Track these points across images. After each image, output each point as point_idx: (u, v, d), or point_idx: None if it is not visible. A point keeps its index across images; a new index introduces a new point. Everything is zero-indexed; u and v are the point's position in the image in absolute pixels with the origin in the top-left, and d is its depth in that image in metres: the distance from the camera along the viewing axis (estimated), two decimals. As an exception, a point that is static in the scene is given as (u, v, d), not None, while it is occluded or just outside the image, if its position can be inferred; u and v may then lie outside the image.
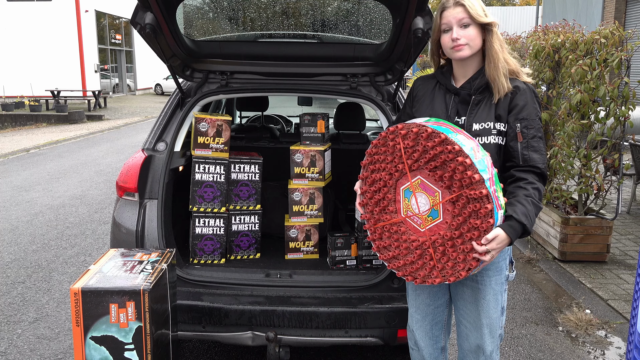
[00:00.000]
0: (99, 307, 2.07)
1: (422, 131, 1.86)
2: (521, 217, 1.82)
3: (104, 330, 2.08)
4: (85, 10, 23.14)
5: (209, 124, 3.09)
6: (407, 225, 1.96)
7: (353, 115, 3.89)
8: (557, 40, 5.04)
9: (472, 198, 1.78)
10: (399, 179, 1.95)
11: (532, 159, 1.96)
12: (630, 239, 5.44)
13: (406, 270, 1.98)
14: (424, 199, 1.90)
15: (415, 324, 2.29)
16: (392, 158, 1.95)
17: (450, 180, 1.82)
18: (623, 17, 14.27)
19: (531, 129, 1.98)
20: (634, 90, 4.54)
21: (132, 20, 2.56)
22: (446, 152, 1.80)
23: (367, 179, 2.05)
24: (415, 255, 1.94)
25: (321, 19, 3.12)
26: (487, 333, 2.13)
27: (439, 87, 2.15)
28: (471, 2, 1.98)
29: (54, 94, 18.67)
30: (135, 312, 2.08)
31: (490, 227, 1.77)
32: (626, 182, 6.58)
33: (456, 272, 1.86)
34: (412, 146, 1.89)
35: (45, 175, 8.86)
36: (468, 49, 2.00)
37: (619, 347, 3.49)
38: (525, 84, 2.04)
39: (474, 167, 1.76)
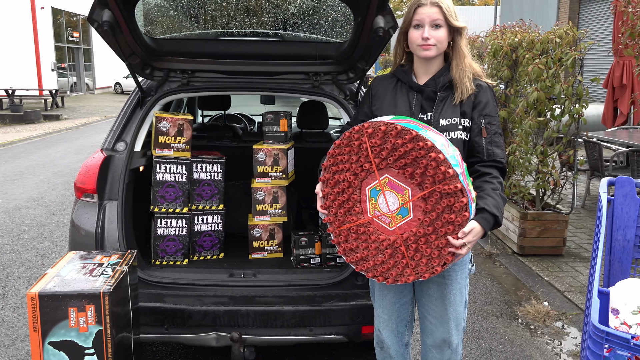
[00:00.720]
0: (57, 312, 2.01)
1: (390, 129, 1.85)
2: (493, 209, 1.89)
3: (63, 335, 2.03)
4: (40, 7, 22.49)
5: (170, 123, 3.05)
6: (375, 225, 1.93)
7: (316, 113, 3.90)
8: (514, 40, 5.16)
9: (446, 193, 1.78)
10: (365, 179, 1.93)
11: (495, 154, 2.03)
12: (585, 232, 5.62)
13: (376, 271, 1.95)
14: (393, 198, 1.88)
15: (382, 324, 2.29)
16: (357, 157, 1.92)
17: (421, 177, 1.81)
18: (577, 18, 14.72)
19: (493, 125, 2.06)
20: (587, 89, 4.69)
21: (89, 18, 2.50)
22: (417, 149, 1.80)
23: (329, 181, 2.00)
24: (385, 255, 1.91)
25: (283, 17, 3.12)
26: (454, 327, 2.17)
27: (400, 85, 2.17)
28: (447, 4, 2.02)
29: (9, 93, 18.06)
30: (96, 316, 2.04)
31: (466, 220, 1.79)
32: (580, 178, 6.79)
33: (431, 267, 1.85)
34: (379, 144, 1.87)
35: (0, 177, 8.58)
36: (435, 50, 2.04)
37: (575, 337, 3.61)
38: (487, 84, 2.11)
39: (447, 162, 1.77)
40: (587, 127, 5.75)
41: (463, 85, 2.04)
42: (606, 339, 1.61)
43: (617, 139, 6.51)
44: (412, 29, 2.05)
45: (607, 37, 8.63)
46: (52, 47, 23.86)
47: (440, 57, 2.10)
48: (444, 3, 2.01)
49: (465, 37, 2.09)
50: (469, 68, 2.07)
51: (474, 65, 2.10)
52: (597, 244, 2.01)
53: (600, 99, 10.25)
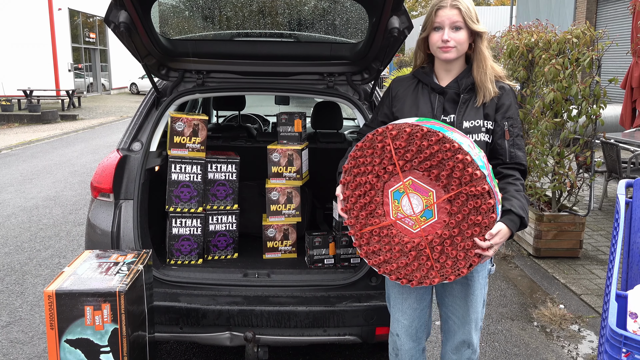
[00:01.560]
0: (73, 310, 2.04)
1: (416, 131, 1.83)
2: (519, 210, 1.89)
3: (79, 333, 2.05)
4: (58, 9, 22.75)
5: (185, 123, 3.07)
6: (398, 227, 1.91)
7: (330, 114, 3.90)
8: (530, 40, 5.12)
9: (473, 195, 1.77)
10: (387, 181, 1.91)
11: (517, 157, 2.04)
12: (602, 235, 5.56)
13: (400, 274, 1.93)
14: (417, 200, 1.87)
15: (401, 329, 2.24)
16: (380, 160, 1.90)
17: (447, 179, 1.80)
18: (594, 18, 14.55)
19: (515, 127, 2.06)
20: (604, 89, 4.64)
21: (106, 19, 2.53)
22: (444, 151, 1.78)
23: (350, 183, 1.99)
24: (410, 257, 1.89)
25: (298, 18, 3.12)
26: (474, 327, 2.17)
27: (421, 86, 2.16)
28: (467, 6, 2.01)
29: (27, 94, 18.31)
30: (111, 314, 2.06)
31: (493, 222, 1.79)
32: (598, 179, 6.72)
33: (457, 269, 1.84)
34: (404, 146, 1.85)
35: (18, 176, 8.69)
36: (455, 52, 2.03)
37: (591, 341, 3.56)
38: (509, 86, 2.11)
39: (474, 163, 1.75)
40: (604, 128, 5.68)
41: (485, 88, 2.04)
42: (624, 343, 1.59)
43: (635, 140, 6.42)
44: (432, 31, 2.05)
45: (625, 37, 8.52)
46: (69, 48, 24.13)
47: (462, 58, 2.10)
48: (464, 5, 2.00)
49: (487, 39, 2.08)
50: (491, 70, 2.06)
51: (496, 67, 2.10)
52: (614, 246, 1.99)
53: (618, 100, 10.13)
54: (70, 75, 23.89)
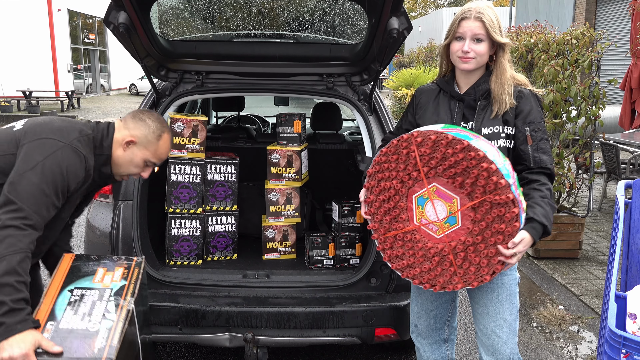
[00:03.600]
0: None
1: (441, 138, 1.84)
2: (542, 218, 1.88)
3: None
4: (57, 9, 22.74)
5: (185, 124, 3.07)
6: (422, 233, 1.93)
7: (329, 115, 3.90)
8: (529, 41, 5.12)
9: (497, 203, 1.77)
10: (412, 187, 1.92)
11: (542, 161, 2.02)
12: (601, 236, 5.56)
13: (423, 278, 1.95)
14: (441, 206, 1.88)
15: (418, 318, 2.32)
16: (404, 166, 1.92)
17: (472, 187, 1.81)
18: (593, 19, 14.57)
19: (539, 131, 2.04)
20: (604, 90, 4.64)
21: (105, 20, 2.53)
22: (468, 159, 1.79)
23: (374, 188, 2.00)
24: (433, 263, 1.91)
25: (297, 19, 3.13)
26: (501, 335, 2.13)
27: (442, 94, 2.17)
28: (491, 19, 2.01)
29: (26, 95, 18.30)
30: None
31: (516, 230, 1.79)
32: (597, 180, 6.72)
33: (480, 276, 1.85)
34: (428, 153, 1.86)
35: (17, 177, 8.67)
36: (474, 63, 2.04)
37: (590, 342, 3.56)
38: (529, 90, 2.09)
39: (499, 172, 1.76)
40: (603, 129, 5.68)
41: (501, 100, 2.04)
42: (623, 343, 1.59)
43: (634, 141, 6.42)
44: (454, 40, 2.06)
45: (624, 38, 8.52)
46: (69, 48, 24.11)
47: (482, 69, 2.10)
48: (488, 18, 2.00)
49: (508, 52, 2.07)
50: (509, 82, 2.05)
51: (518, 76, 2.10)
52: (614, 247, 1.99)
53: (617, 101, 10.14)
54: (69, 76, 23.88)
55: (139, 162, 2.08)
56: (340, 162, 3.84)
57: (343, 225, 3.17)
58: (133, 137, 2.05)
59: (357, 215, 3.19)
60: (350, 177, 3.78)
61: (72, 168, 1.86)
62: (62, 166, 1.83)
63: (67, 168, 1.85)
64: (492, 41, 2.03)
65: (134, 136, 2.05)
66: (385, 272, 2.78)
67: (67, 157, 1.86)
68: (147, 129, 2.07)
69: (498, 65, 2.06)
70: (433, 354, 2.35)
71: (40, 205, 1.79)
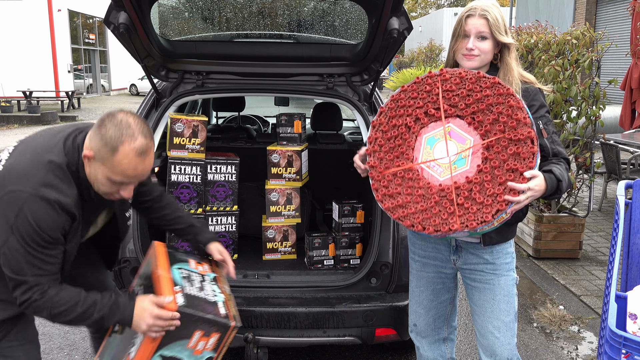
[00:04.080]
0: (183, 331, 1.90)
1: (471, 75, 1.83)
2: (557, 174, 1.88)
3: (176, 352, 1.94)
4: (57, 10, 22.75)
5: (185, 124, 3.07)
6: (425, 173, 1.87)
7: (330, 115, 3.90)
8: (530, 41, 5.12)
9: (517, 139, 1.74)
10: (424, 126, 1.89)
11: (560, 152, 2.04)
12: (602, 236, 5.56)
13: (415, 219, 1.84)
14: (453, 146, 1.84)
15: (417, 318, 2.32)
16: (423, 103, 1.88)
17: (491, 126, 1.78)
18: (593, 19, 14.57)
19: (550, 125, 2.06)
20: (604, 90, 4.64)
21: (105, 20, 2.53)
22: (496, 95, 1.77)
23: (382, 125, 1.95)
24: (431, 202, 1.82)
25: (297, 19, 3.13)
26: (497, 336, 2.14)
27: None
28: (496, 17, 2.01)
29: (26, 95, 18.31)
30: (215, 344, 1.98)
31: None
32: (597, 180, 6.72)
33: (480, 216, 1.76)
34: (453, 90, 1.85)
35: (17, 177, 8.67)
36: (478, 61, 2.04)
37: (591, 342, 3.56)
38: (536, 87, 2.09)
39: (524, 110, 1.75)
40: (604, 129, 5.69)
41: None
42: (624, 344, 1.59)
43: (634, 142, 6.42)
44: (459, 37, 2.06)
45: (624, 38, 8.52)
46: (69, 49, 24.12)
47: (486, 67, 2.10)
48: (492, 16, 2.00)
49: (514, 51, 2.07)
50: (517, 81, 2.05)
51: (526, 75, 2.10)
52: (614, 247, 1.99)
53: (617, 101, 10.14)
54: (69, 76, 23.88)
55: (103, 181, 1.76)
56: (340, 162, 3.83)
57: (343, 226, 3.17)
58: (90, 151, 1.75)
59: (358, 215, 3.19)
60: (350, 177, 3.78)
61: (43, 221, 1.69)
62: (32, 223, 1.68)
63: (38, 223, 1.68)
64: (496, 40, 2.03)
65: (91, 149, 1.74)
66: (386, 272, 2.78)
67: (33, 210, 1.68)
68: (100, 141, 1.71)
69: (505, 64, 2.06)
70: (432, 352, 2.35)
71: (37, 265, 1.73)
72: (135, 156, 1.71)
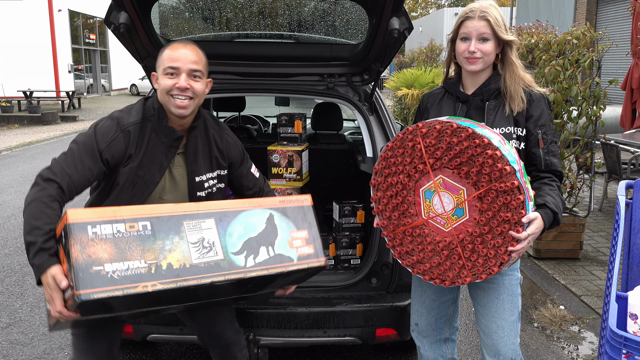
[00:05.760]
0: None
1: (446, 127, 1.82)
2: (552, 206, 1.89)
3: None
4: (58, 10, 22.76)
5: (185, 124, 3.07)
6: (430, 227, 1.91)
7: (330, 115, 3.90)
8: (530, 41, 5.12)
9: (503, 191, 1.75)
10: (419, 180, 1.91)
11: (552, 164, 2.03)
12: (602, 236, 5.56)
13: (433, 274, 1.93)
14: (448, 198, 1.86)
15: (419, 317, 2.31)
16: (410, 159, 1.91)
17: (477, 176, 1.79)
18: (594, 19, 14.57)
19: (549, 134, 2.04)
20: (605, 90, 4.64)
21: (106, 20, 2.53)
22: (473, 147, 1.78)
23: (381, 185, 1.99)
24: (442, 257, 1.89)
25: (298, 19, 3.13)
26: (501, 336, 2.12)
27: (447, 96, 2.16)
28: (496, 17, 1.99)
29: (27, 95, 18.31)
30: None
31: (521, 219, 1.76)
32: (598, 180, 6.72)
33: (488, 268, 1.82)
34: (434, 144, 1.85)
35: (18, 177, 8.69)
36: (481, 63, 2.02)
37: (591, 342, 3.56)
38: (539, 93, 2.08)
39: (504, 159, 1.74)
40: (604, 129, 5.68)
41: (518, 96, 2.02)
42: (624, 344, 1.59)
43: (635, 142, 6.42)
44: (459, 40, 2.04)
45: (625, 38, 8.52)
46: (69, 49, 24.13)
47: (488, 70, 2.08)
48: (493, 16, 1.98)
49: (515, 49, 2.06)
50: (521, 79, 2.05)
51: (526, 75, 2.08)
52: (615, 247, 1.99)
53: (618, 101, 10.14)
54: (70, 76, 23.89)
55: (162, 80, 2.05)
56: (341, 162, 3.84)
57: (344, 226, 3.17)
58: (154, 73, 2.14)
59: (358, 215, 3.19)
60: (350, 177, 3.78)
61: (100, 127, 2.00)
62: (94, 128, 2.00)
63: (95, 128, 2.00)
64: (498, 40, 2.01)
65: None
66: (386, 272, 2.77)
67: (101, 122, 2.03)
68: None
69: (508, 63, 2.04)
70: (433, 352, 2.35)
71: (67, 162, 1.90)
72: (178, 43, 2.09)
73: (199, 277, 1.74)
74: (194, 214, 1.84)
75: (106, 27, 2.59)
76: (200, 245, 1.80)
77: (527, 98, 2.04)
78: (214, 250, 1.81)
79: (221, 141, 2.24)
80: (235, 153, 2.28)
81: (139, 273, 1.67)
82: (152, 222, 1.75)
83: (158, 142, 2.05)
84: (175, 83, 2.01)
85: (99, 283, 1.60)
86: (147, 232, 1.73)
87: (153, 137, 2.05)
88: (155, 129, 2.05)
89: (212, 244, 1.81)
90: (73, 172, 1.88)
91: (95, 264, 1.62)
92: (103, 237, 1.66)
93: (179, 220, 1.80)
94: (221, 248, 1.82)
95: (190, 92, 2.03)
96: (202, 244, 1.80)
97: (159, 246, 1.72)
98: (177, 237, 1.77)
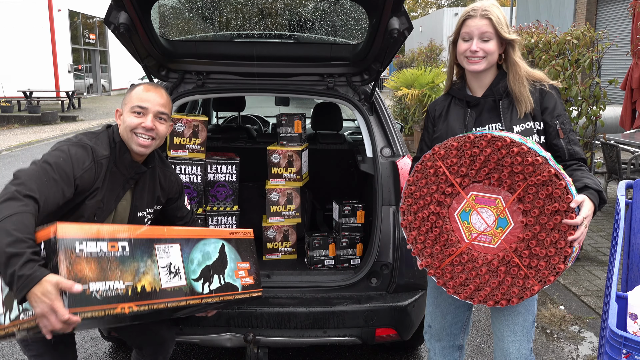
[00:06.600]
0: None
1: (463, 142, 1.76)
2: (595, 186, 1.82)
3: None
4: (58, 10, 22.75)
5: (185, 124, 3.07)
6: (477, 248, 1.81)
7: (330, 115, 3.90)
8: (530, 41, 5.12)
9: (541, 183, 1.67)
10: (451, 205, 1.83)
11: (576, 152, 2.00)
12: (602, 236, 5.56)
13: (497, 296, 1.79)
14: (487, 213, 1.78)
15: (434, 320, 2.26)
16: (436, 186, 1.83)
17: (510, 178, 1.72)
18: (594, 19, 14.57)
19: (566, 123, 2.01)
20: (604, 90, 4.64)
21: (105, 20, 2.53)
22: (496, 150, 1.71)
23: (412, 223, 1.90)
24: (500, 274, 1.77)
25: (298, 19, 3.12)
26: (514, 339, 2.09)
27: (454, 103, 2.13)
28: (498, 16, 1.97)
29: (26, 95, 18.30)
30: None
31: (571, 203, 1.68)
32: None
33: (552, 268, 1.70)
34: (456, 162, 1.79)
35: (18, 177, 8.68)
36: (484, 63, 1.99)
37: (591, 342, 3.56)
38: (550, 85, 2.05)
39: (532, 151, 1.68)
40: (604, 129, 5.69)
41: (524, 97, 1.99)
42: (624, 344, 1.59)
43: (635, 142, 6.42)
44: (460, 40, 2.01)
45: (625, 38, 8.52)
46: (69, 49, 24.13)
47: (493, 69, 2.05)
48: (494, 15, 1.96)
49: (518, 48, 2.03)
50: (527, 78, 2.02)
51: (534, 72, 2.05)
52: (614, 247, 1.99)
53: (618, 101, 10.14)
54: (70, 76, 23.89)
55: (127, 118, 2.07)
56: (341, 162, 3.84)
57: (344, 226, 3.17)
58: (118, 109, 2.15)
59: (358, 215, 3.19)
60: (350, 177, 3.78)
61: (76, 154, 1.95)
62: (67, 152, 1.95)
63: (70, 153, 1.95)
64: (500, 39, 1.98)
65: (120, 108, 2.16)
66: (386, 272, 2.77)
67: (73, 147, 1.99)
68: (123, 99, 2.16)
69: (511, 63, 2.01)
70: (443, 358, 2.29)
71: (38, 179, 1.80)
72: (146, 85, 2.14)
73: (167, 302, 1.88)
74: (163, 238, 1.96)
75: (106, 27, 2.59)
76: (168, 270, 1.93)
77: (537, 95, 2.02)
78: (179, 276, 1.96)
79: (164, 179, 2.31)
80: (175, 189, 2.38)
81: (118, 295, 1.72)
82: (130, 243, 1.82)
83: (118, 174, 2.10)
84: (141, 122, 2.07)
85: (84, 302, 1.62)
86: (125, 253, 1.79)
87: (113, 168, 2.08)
88: (116, 161, 2.09)
89: (177, 269, 1.96)
90: (49, 194, 1.82)
91: (82, 282, 1.63)
92: (88, 254, 1.68)
93: (151, 243, 1.90)
94: (184, 274, 1.98)
95: (154, 133, 2.10)
96: (170, 269, 1.93)
97: (134, 268, 1.80)
98: (150, 260, 1.87)
